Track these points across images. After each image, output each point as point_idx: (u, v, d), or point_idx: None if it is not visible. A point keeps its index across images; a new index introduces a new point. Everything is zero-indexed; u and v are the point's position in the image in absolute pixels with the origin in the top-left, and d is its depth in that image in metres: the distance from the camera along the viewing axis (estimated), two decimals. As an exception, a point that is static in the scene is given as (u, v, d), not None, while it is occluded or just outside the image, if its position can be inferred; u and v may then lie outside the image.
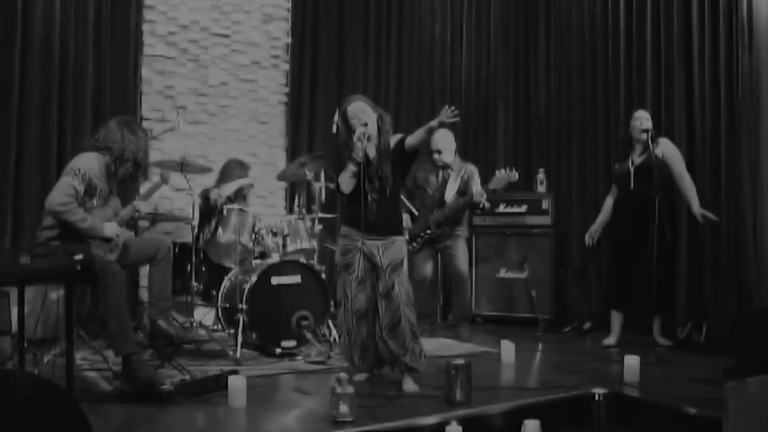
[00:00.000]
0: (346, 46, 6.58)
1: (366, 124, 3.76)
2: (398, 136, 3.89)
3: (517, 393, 3.79)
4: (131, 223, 4.66)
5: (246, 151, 6.18)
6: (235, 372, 3.80)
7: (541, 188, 6.33)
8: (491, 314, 6.32)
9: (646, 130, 5.03)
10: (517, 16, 7.03)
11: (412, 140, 3.80)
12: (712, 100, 5.23)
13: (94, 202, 3.89)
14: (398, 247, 3.79)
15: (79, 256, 3.26)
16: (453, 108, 3.61)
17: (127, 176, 3.98)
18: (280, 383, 4.01)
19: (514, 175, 5.02)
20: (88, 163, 3.85)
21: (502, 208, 6.35)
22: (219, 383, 3.69)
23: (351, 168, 3.76)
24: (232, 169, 5.27)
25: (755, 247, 4.98)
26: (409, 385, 3.79)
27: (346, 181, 3.79)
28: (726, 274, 5.12)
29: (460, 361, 3.55)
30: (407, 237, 5.10)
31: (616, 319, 5.29)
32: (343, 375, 3.23)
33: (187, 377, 3.66)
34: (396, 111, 6.79)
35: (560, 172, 6.47)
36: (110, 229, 3.88)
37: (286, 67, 6.39)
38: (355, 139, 3.73)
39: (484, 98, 7.21)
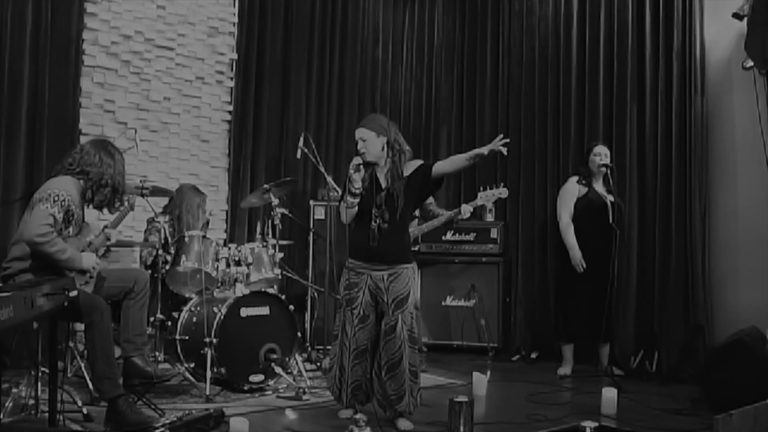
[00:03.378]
0: (290, 64, 6.61)
1: (364, 153, 3.84)
2: (417, 162, 3.94)
3: (510, 428, 3.96)
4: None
5: (187, 171, 6.09)
6: (221, 411, 3.78)
7: (490, 217, 6.58)
8: (435, 342, 6.49)
9: (606, 165, 5.39)
10: (463, 41, 7.29)
11: (445, 167, 3.83)
12: (665, 138, 5.66)
13: (70, 230, 3.77)
14: (404, 278, 3.85)
15: (73, 293, 3.16)
16: (505, 137, 3.68)
17: (104, 202, 3.87)
18: (264, 421, 3.98)
19: (504, 192, 5.16)
20: (66, 188, 3.72)
21: (449, 236, 6.55)
22: (208, 424, 3.66)
23: (348, 199, 3.82)
24: (185, 194, 5.19)
25: (704, 279, 5.43)
26: (404, 423, 3.88)
27: (345, 212, 3.86)
28: (675, 304, 5.52)
29: (463, 398, 3.68)
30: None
31: (567, 349, 5.60)
32: (360, 416, 3.29)
33: (175, 419, 3.57)
34: (337, 132, 6.90)
35: (506, 202, 6.73)
36: (89, 260, 3.77)
37: (231, 83, 6.34)
38: (349, 170, 3.81)
39: (426, 123, 7.42)
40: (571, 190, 5.52)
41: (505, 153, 3.68)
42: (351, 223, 3.91)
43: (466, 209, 5.42)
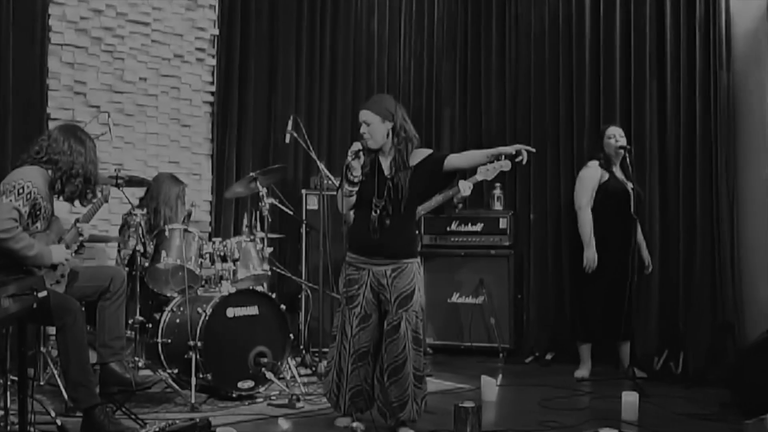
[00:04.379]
0: (278, 39, 6.57)
1: (366, 139, 3.83)
2: (427, 151, 3.93)
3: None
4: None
5: (166, 158, 6.08)
6: (207, 421, 3.77)
7: (498, 205, 6.56)
8: (441, 343, 6.49)
9: (623, 147, 5.37)
10: (466, 14, 7.25)
11: (460, 161, 3.85)
12: (688, 117, 5.64)
13: (38, 225, 3.76)
14: (408, 274, 3.85)
15: (42, 294, 3.15)
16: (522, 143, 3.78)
17: (76, 194, 3.87)
18: (255, 431, 3.99)
19: (507, 164, 5.10)
20: (32, 179, 3.71)
21: (455, 227, 6.52)
22: (194, 435, 3.65)
23: (346, 187, 3.81)
24: (162, 183, 5.17)
25: (732, 272, 5.41)
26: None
27: (341, 201, 3.86)
28: (701, 300, 5.52)
29: (470, 404, 3.69)
30: None
31: (585, 349, 5.60)
32: (357, 424, 3.29)
33: (157, 429, 3.56)
34: (329, 114, 6.88)
35: (516, 189, 6.73)
36: (59, 254, 3.76)
37: (213, 62, 6.31)
38: (347, 157, 3.79)
39: (427, 103, 7.38)
40: (592, 176, 5.45)
41: (515, 161, 3.77)
42: (349, 213, 3.90)
43: (465, 186, 5.36)
